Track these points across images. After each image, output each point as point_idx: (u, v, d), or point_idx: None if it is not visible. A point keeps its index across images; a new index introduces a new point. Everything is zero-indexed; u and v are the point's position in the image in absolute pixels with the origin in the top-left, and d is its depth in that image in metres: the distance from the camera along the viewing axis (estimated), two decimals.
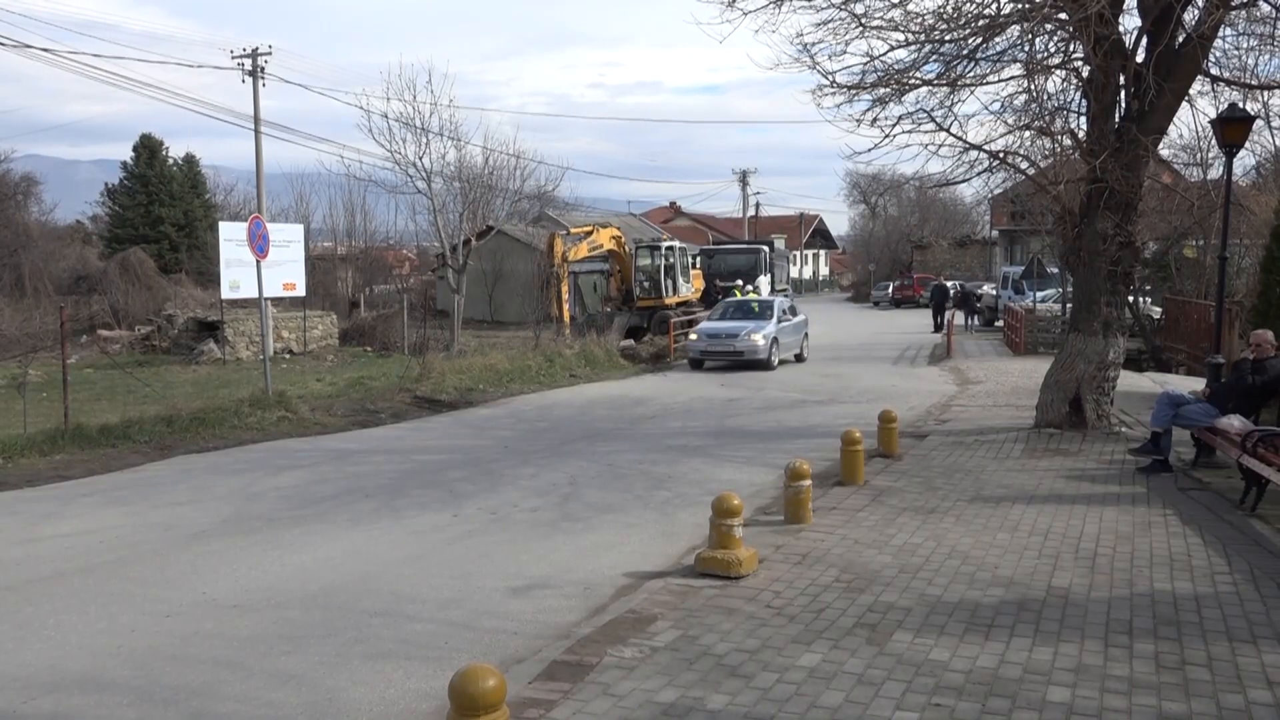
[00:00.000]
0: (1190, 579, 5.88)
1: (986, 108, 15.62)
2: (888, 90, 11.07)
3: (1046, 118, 11.43)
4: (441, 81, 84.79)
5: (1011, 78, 11.32)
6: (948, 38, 10.66)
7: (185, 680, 4.75)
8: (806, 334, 23.30)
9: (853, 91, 11.22)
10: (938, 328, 31.49)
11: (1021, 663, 4.57)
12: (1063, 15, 10.14)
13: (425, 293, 40.02)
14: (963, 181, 12.52)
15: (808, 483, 7.33)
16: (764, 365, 20.41)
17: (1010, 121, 11.60)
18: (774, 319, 21.42)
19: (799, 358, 22.44)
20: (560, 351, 21.24)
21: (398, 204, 35.52)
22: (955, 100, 11.32)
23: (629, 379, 20.08)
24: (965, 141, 11.45)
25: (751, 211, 65.12)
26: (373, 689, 4.68)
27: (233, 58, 30.27)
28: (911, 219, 69.66)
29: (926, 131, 11.27)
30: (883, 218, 73.49)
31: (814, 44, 11.08)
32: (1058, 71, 11.21)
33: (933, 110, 11.26)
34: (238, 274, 21.77)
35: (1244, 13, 10.96)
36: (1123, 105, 10.97)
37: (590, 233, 26.36)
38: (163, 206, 41.24)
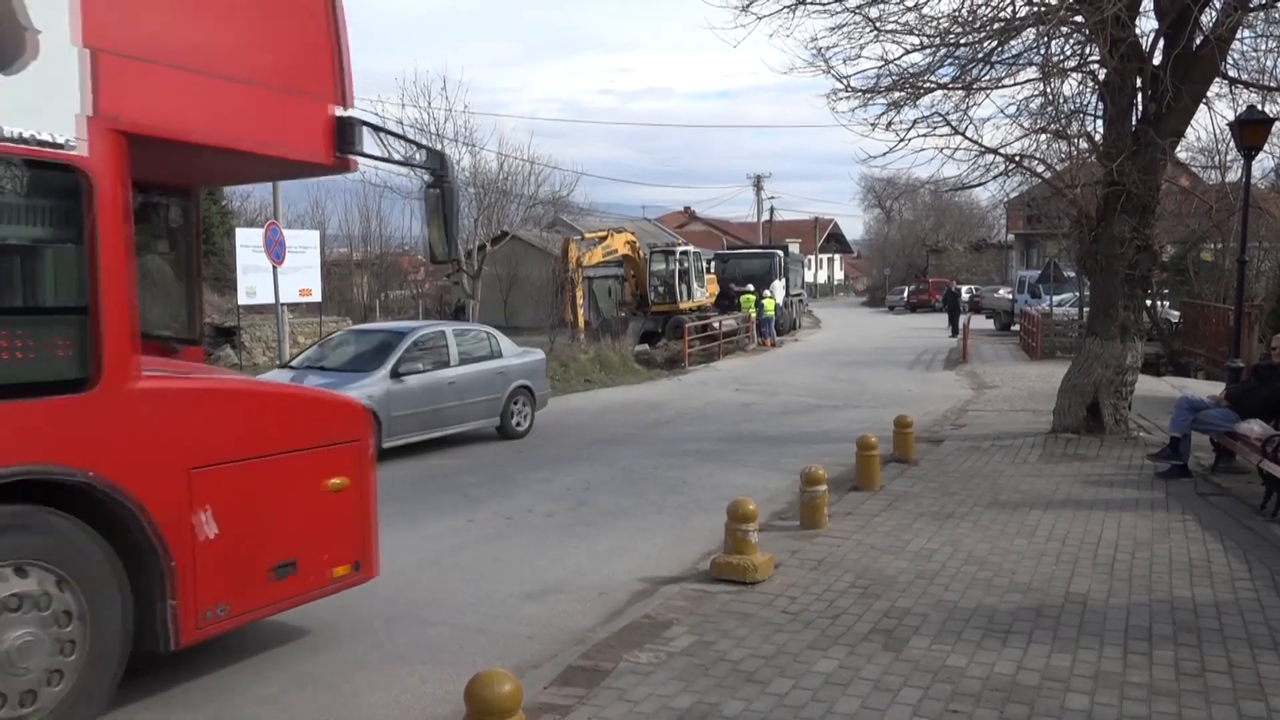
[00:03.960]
0: (1210, 585, 5.83)
1: (1002, 111, 15.61)
2: (902, 94, 11.05)
3: (1063, 121, 11.39)
4: (455, 88, 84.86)
5: (1027, 81, 11.30)
6: (963, 41, 10.64)
7: (203, 684, 4.77)
8: (526, 387, 12.87)
9: (867, 95, 11.21)
10: (954, 332, 31.40)
11: (1039, 669, 4.54)
12: (1079, 18, 10.10)
13: (440, 298, 40.14)
14: (978, 185, 12.48)
15: (823, 488, 7.30)
16: None
17: (1026, 124, 11.58)
18: (383, 370, 11.06)
19: (504, 431, 12.52)
20: (575, 357, 21.26)
21: (413, 209, 35.67)
22: (970, 104, 11.30)
23: (644, 384, 20.08)
24: (981, 145, 11.42)
25: (766, 216, 65.03)
26: (389, 693, 4.70)
27: None
28: (927, 223, 69.36)
29: (942, 135, 11.25)
30: (898, 222, 73.21)
31: (828, 48, 11.09)
32: (1074, 74, 11.18)
33: (948, 114, 11.24)
34: (254, 280, 21.88)
35: (1262, 14, 10.89)
36: (1140, 108, 10.91)
37: (605, 238, 26.38)
38: None
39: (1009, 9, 10.33)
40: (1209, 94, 11.10)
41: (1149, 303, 19.39)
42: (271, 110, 4.75)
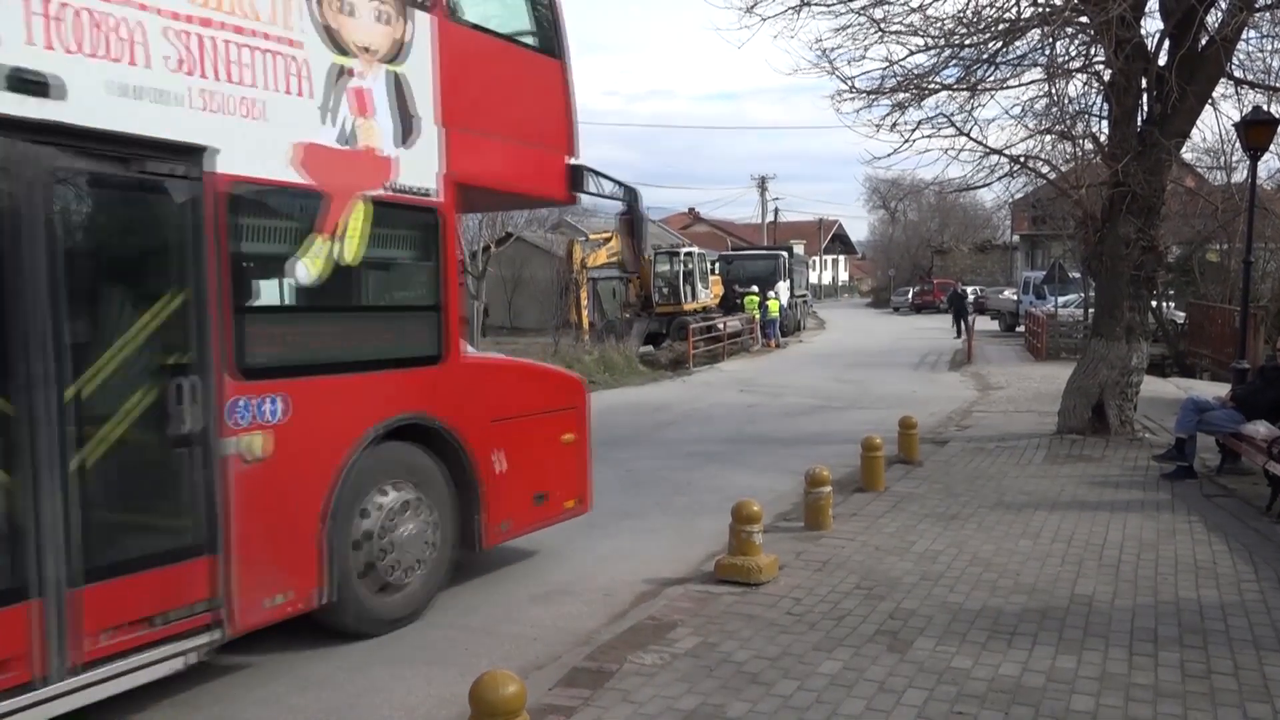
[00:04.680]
0: (1216, 586, 5.82)
1: (1007, 112, 15.60)
2: (907, 95, 11.04)
3: (1067, 122, 11.38)
4: None
5: (1032, 82, 11.30)
6: (967, 42, 10.63)
7: (209, 686, 4.78)
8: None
9: (872, 96, 11.21)
10: (959, 333, 31.36)
11: (1045, 671, 4.54)
12: (1084, 19, 10.08)
13: None
14: (983, 186, 12.50)
15: (828, 489, 7.30)
16: None
17: (1031, 125, 11.58)
18: None
19: None
20: (579, 358, 21.27)
21: None
22: (975, 104, 11.30)
23: (648, 385, 20.09)
24: (985, 146, 11.42)
25: (770, 217, 65.00)
26: (393, 694, 4.70)
27: None
28: (931, 224, 69.28)
29: (946, 136, 11.25)
30: (902, 223, 73.12)
31: (833, 49, 11.10)
32: (1079, 75, 11.15)
33: (953, 115, 11.23)
34: None
35: (1268, 15, 10.87)
36: (1145, 108, 10.89)
37: (609, 239, 26.36)
38: None
39: (1014, 10, 10.32)
40: (1214, 94, 11.09)
41: (1154, 304, 19.36)
42: (533, 162, 6.58)
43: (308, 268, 4.98)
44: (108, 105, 4.06)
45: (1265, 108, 11.03)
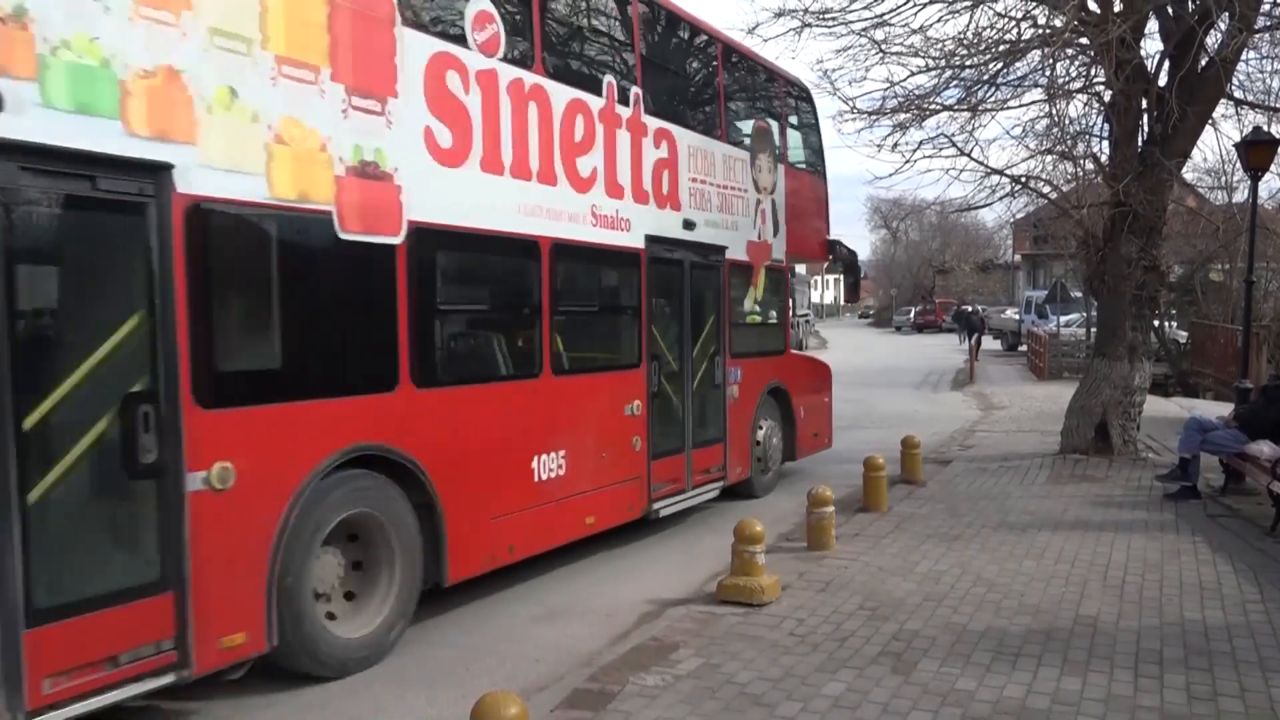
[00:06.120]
0: (1221, 607, 5.80)
1: (1008, 132, 15.73)
2: (908, 115, 11.10)
3: (1068, 142, 11.45)
4: None
5: (1033, 102, 11.37)
6: (968, 63, 10.69)
7: (212, 708, 4.75)
8: None
9: (873, 117, 11.29)
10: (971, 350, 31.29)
11: (1049, 693, 4.51)
12: (1084, 40, 10.14)
13: None
14: (984, 206, 12.56)
15: (830, 509, 7.28)
16: None
17: (1032, 146, 11.66)
18: None
19: None
20: None
21: None
22: (976, 125, 11.36)
23: None
24: (987, 166, 11.49)
25: None
26: (395, 714, 4.68)
27: None
28: (933, 244, 69.33)
29: (947, 156, 11.31)
30: (904, 243, 73.18)
31: (834, 70, 11.19)
32: (1079, 96, 11.22)
33: (954, 135, 11.30)
34: None
35: (1268, 36, 10.93)
36: (1145, 129, 10.93)
37: None
38: None
39: (1014, 31, 10.38)
40: (1215, 115, 11.14)
41: (1156, 323, 19.35)
42: (812, 238, 11.15)
43: (748, 303, 9.62)
44: (706, 231, 8.69)
45: (1265, 128, 11.07)
